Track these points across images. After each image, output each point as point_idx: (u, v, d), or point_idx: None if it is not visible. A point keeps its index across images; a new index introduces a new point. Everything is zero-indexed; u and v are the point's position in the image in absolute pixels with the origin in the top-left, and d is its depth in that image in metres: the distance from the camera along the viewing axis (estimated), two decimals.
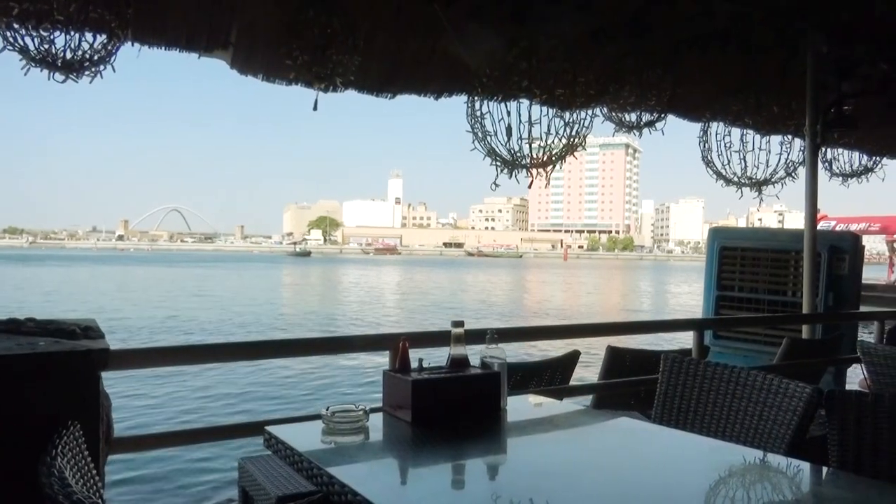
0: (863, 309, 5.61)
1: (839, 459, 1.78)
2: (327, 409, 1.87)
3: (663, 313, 27.17)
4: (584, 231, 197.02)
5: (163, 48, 3.11)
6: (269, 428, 1.83)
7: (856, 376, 3.97)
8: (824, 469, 1.69)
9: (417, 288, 39.57)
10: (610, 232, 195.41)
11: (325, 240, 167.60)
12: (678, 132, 6.05)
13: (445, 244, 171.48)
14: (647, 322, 4.58)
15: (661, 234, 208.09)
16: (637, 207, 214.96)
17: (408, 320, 21.88)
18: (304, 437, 1.81)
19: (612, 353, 3.33)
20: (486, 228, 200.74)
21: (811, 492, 1.61)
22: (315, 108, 3.49)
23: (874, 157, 5.70)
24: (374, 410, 1.96)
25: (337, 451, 1.78)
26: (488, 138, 3.90)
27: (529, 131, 3.90)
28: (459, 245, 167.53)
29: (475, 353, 2.14)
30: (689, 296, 33.91)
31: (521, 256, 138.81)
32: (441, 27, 3.54)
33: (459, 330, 2.07)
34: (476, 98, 3.85)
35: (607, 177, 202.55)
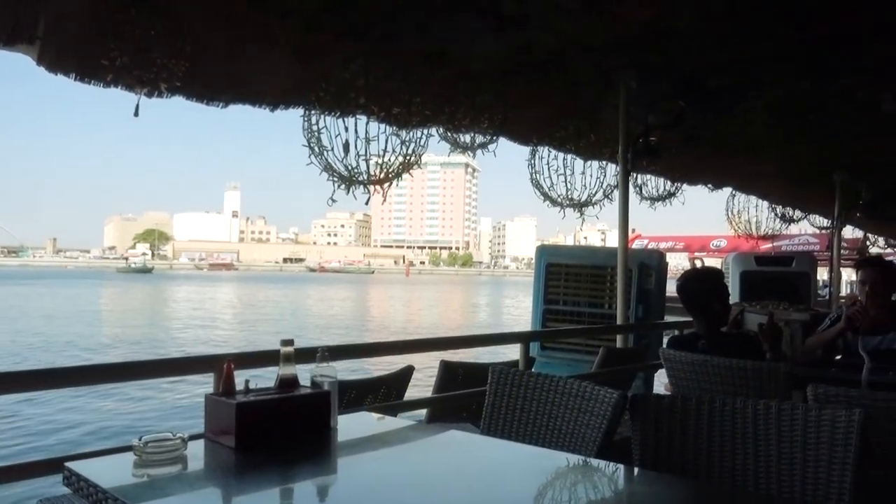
0: (667, 319, 6.24)
1: (640, 458, 1.96)
2: (140, 440, 1.72)
3: (500, 326, 28.36)
4: (425, 247, 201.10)
5: None
6: (69, 464, 1.65)
7: (662, 380, 4.38)
8: (628, 468, 1.85)
9: (254, 306, 37.98)
10: (450, 248, 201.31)
11: (152, 254, 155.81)
12: (511, 154, 6.38)
13: (286, 259, 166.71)
14: (478, 336, 4.76)
15: (498, 251, 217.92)
16: (476, 225, 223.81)
17: (242, 340, 20.90)
18: (112, 472, 1.66)
19: (446, 367, 3.41)
20: (329, 244, 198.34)
21: (614, 490, 1.75)
22: (136, 114, 3.25)
23: (676, 184, 6.41)
24: (194, 438, 1.85)
25: (149, 486, 1.65)
26: (325, 153, 3.86)
27: (367, 148, 3.92)
28: (300, 260, 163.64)
29: (313, 373, 2.09)
30: (522, 309, 35.75)
31: (373, 272, 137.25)
32: (277, 38, 3.46)
33: (289, 349, 2.02)
34: (313, 112, 3.81)
35: (448, 194, 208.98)
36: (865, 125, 5.61)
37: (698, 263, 23.36)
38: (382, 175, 4.11)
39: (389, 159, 4.03)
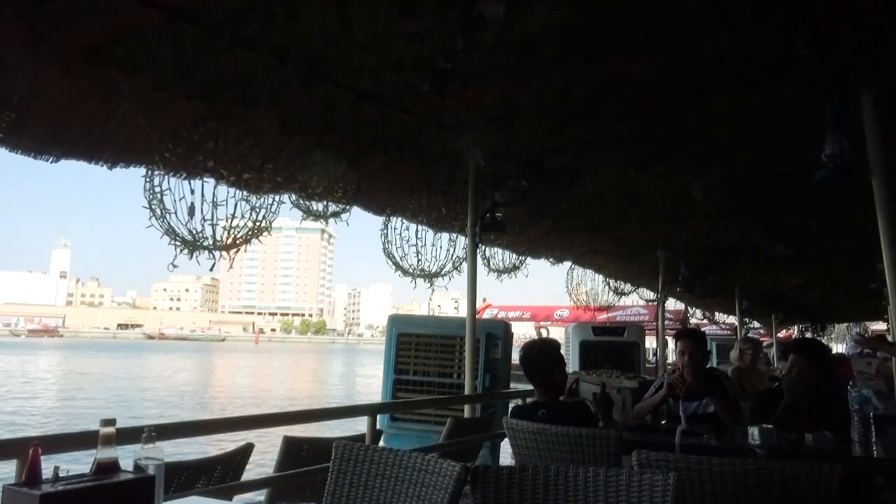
0: (513, 387, 6.44)
1: None
2: None
3: (352, 397, 27.69)
4: (277, 313, 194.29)
5: None
6: None
7: (509, 448, 4.47)
8: None
9: (76, 378, 34.12)
10: (304, 315, 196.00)
11: None
12: (367, 221, 6.41)
13: (121, 325, 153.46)
14: (323, 410, 4.62)
15: (353, 318, 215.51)
16: (331, 291, 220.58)
17: (57, 420, 18.51)
18: None
19: (288, 443, 3.27)
20: (172, 309, 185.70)
21: None
22: None
23: (520, 257, 6.77)
24: None
25: None
26: (167, 216, 3.67)
27: (214, 213, 3.78)
28: (138, 326, 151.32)
29: (137, 456, 1.91)
30: (376, 378, 35.19)
31: (224, 339, 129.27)
32: (121, 94, 3.31)
33: (109, 429, 1.83)
34: (156, 173, 3.63)
35: (302, 260, 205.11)
36: (681, 209, 6.31)
37: (544, 332, 24.54)
38: (230, 241, 3.97)
39: (238, 224, 3.90)
